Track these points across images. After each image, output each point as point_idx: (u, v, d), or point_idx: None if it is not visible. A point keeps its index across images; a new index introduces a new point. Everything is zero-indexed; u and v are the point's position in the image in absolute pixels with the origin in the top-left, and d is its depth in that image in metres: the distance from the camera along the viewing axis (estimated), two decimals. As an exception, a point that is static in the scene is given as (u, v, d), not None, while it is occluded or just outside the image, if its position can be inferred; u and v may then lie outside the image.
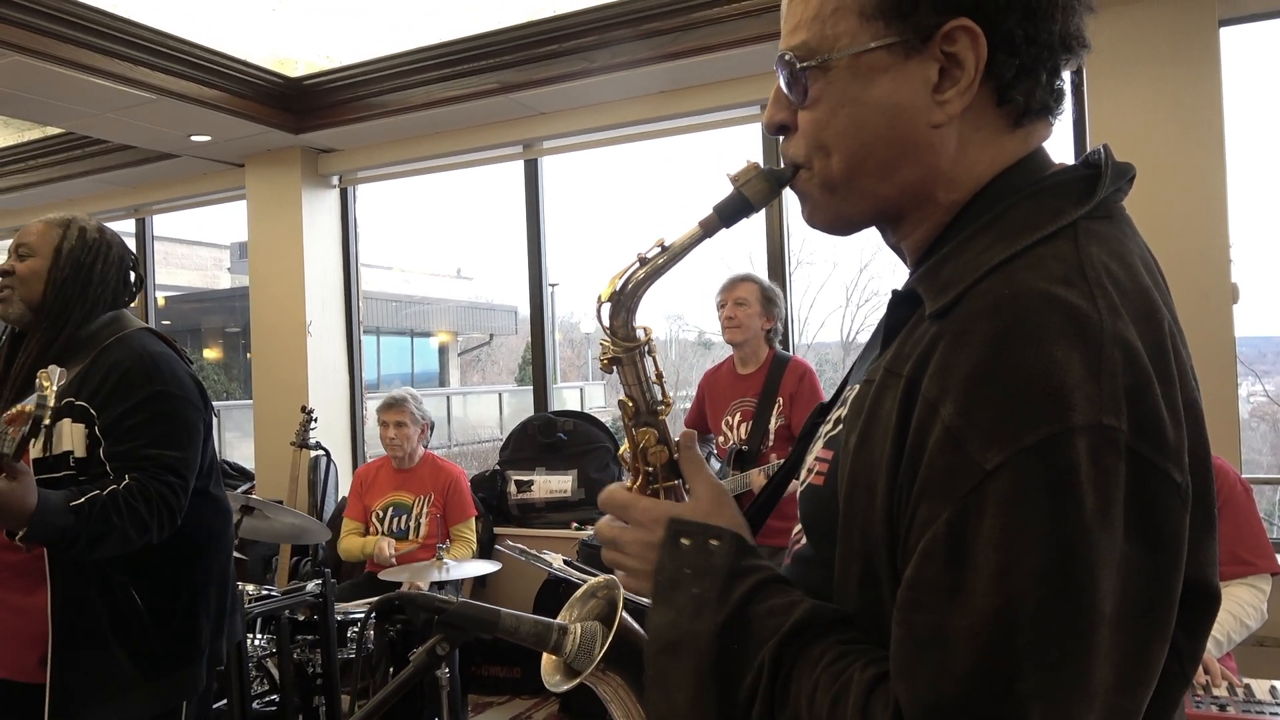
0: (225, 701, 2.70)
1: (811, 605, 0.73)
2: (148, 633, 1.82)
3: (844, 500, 0.73)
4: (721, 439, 3.42)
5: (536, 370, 4.98)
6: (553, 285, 5.21)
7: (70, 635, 1.76)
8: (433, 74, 4.30)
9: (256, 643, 3.10)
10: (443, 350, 14.98)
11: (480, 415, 13.41)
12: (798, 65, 0.77)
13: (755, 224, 4.22)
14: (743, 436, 3.32)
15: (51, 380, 1.59)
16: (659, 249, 0.86)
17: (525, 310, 5.00)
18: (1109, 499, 0.61)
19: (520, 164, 4.81)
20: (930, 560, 0.63)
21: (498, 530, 4.51)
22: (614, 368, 0.91)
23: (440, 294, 15.05)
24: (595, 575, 2.27)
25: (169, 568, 1.86)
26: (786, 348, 3.96)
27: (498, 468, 4.71)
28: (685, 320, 11.23)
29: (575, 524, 4.42)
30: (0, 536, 1.73)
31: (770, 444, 3.27)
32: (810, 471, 0.85)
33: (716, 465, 3.40)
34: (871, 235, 0.88)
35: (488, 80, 4.20)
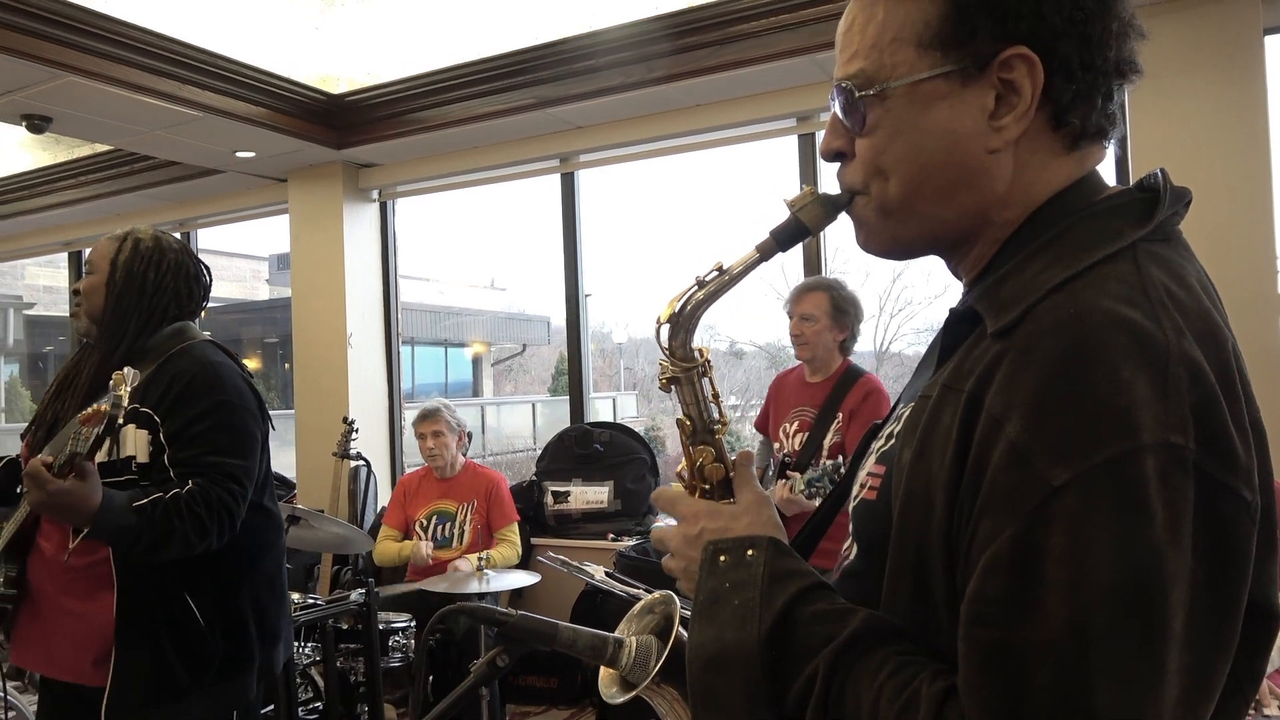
0: (272, 708, 2.75)
1: (868, 615, 0.74)
2: (203, 641, 1.86)
3: (898, 513, 0.74)
4: (777, 446, 3.29)
5: (573, 381, 5.01)
6: (586, 295, 5.24)
7: (130, 640, 1.80)
8: (471, 90, 4.35)
9: (302, 651, 3.15)
10: (476, 360, 15.10)
11: (514, 425, 13.49)
12: (856, 94, 0.79)
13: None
14: (796, 447, 3.17)
15: (126, 381, 1.65)
16: (717, 272, 0.88)
17: (557, 320, 5.05)
18: (1178, 516, 0.61)
19: (557, 177, 4.86)
20: (996, 575, 0.64)
21: (534, 541, 4.55)
22: (672, 387, 0.93)
23: (475, 305, 15.17)
24: (636, 587, 2.29)
25: (224, 578, 1.91)
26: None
27: (535, 478, 4.74)
28: (717, 330, 11.24)
29: (611, 535, 4.44)
30: (67, 543, 1.79)
31: (822, 459, 3.09)
32: (863, 487, 0.86)
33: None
34: None
35: (525, 95, 4.24)
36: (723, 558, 0.81)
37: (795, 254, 4.43)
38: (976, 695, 0.63)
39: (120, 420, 1.65)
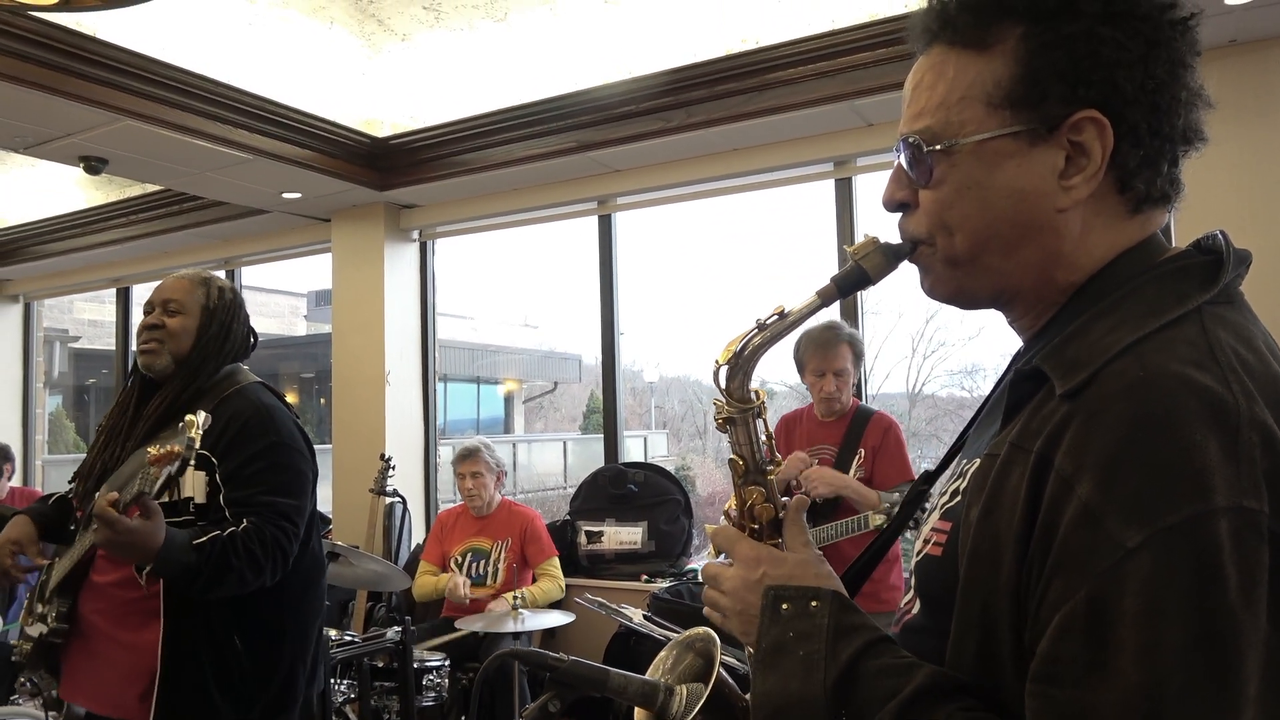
0: (308, 746, 2.75)
1: (933, 670, 0.74)
2: (246, 680, 1.88)
3: (965, 570, 0.74)
4: (794, 484, 3.29)
5: (607, 421, 5.02)
6: (620, 335, 5.27)
7: (176, 676, 1.83)
8: (511, 134, 4.44)
9: (337, 688, 3.15)
10: (509, 398, 15.17)
11: (546, 463, 13.50)
12: (923, 149, 0.81)
13: (828, 268, 4.21)
14: None
15: (198, 425, 1.69)
16: (777, 316, 0.90)
17: (588, 359, 5.07)
18: (1253, 580, 0.61)
19: (594, 219, 4.92)
20: (1069, 636, 0.64)
21: (567, 581, 4.54)
22: (728, 428, 0.94)
23: (509, 342, 15.29)
24: (674, 631, 2.28)
25: (270, 616, 1.93)
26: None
27: (568, 517, 4.75)
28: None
29: (645, 576, 4.42)
30: (118, 574, 1.83)
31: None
32: (927, 543, 0.86)
33: None
34: None
35: (565, 140, 4.32)
36: (785, 605, 0.81)
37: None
38: None
39: (191, 462, 1.69)
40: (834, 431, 3.22)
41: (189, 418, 1.70)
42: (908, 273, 0.93)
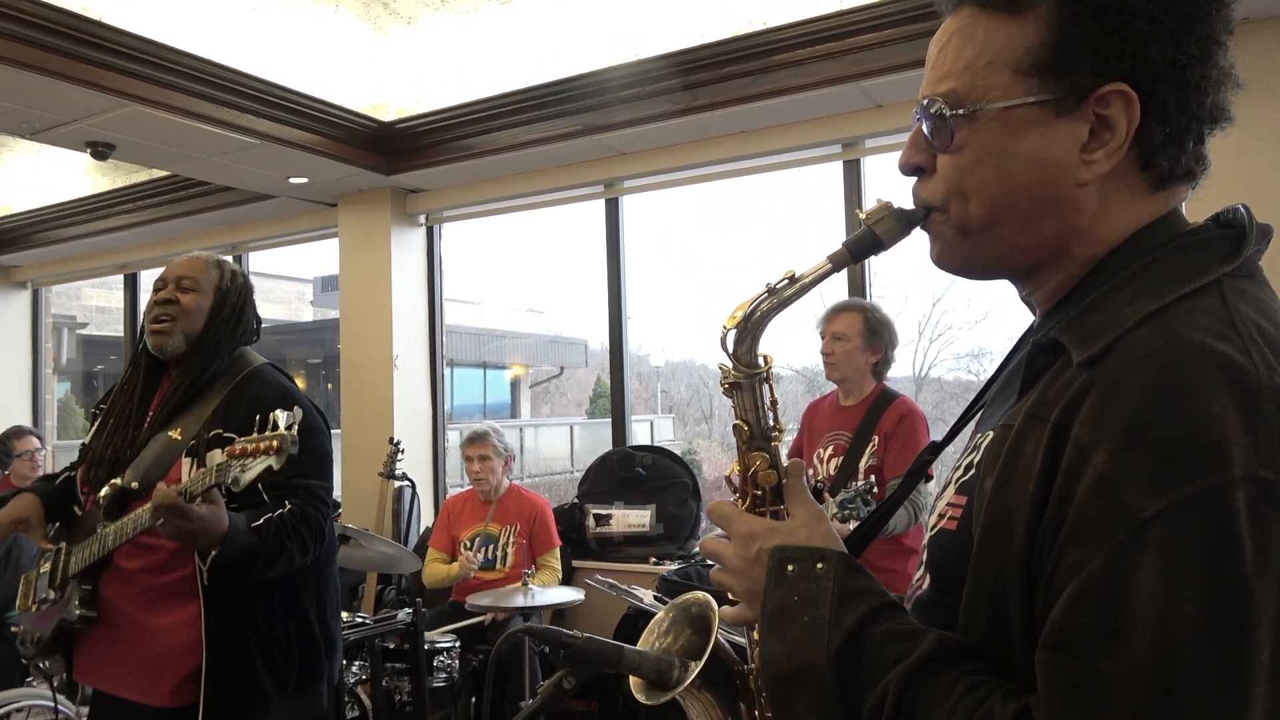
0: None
1: (939, 635, 0.74)
2: (284, 653, 1.91)
3: (978, 540, 0.74)
4: (811, 471, 3.19)
5: (615, 404, 5.03)
6: (627, 319, 5.27)
7: (220, 655, 1.85)
8: (517, 117, 4.42)
9: (351, 669, 3.18)
10: (515, 383, 15.20)
11: (553, 447, 13.54)
12: (946, 112, 0.79)
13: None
14: (831, 472, 3.11)
15: (295, 419, 1.70)
16: (788, 281, 0.88)
17: (595, 343, 5.08)
18: (1267, 550, 0.62)
19: (600, 202, 4.91)
20: (1082, 604, 0.64)
21: (575, 563, 4.56)
22: (734, 393, 0.93)
23: (514, 327, 15.29)
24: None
25: (294, 593, 1.96)
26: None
27: (576, 500, 4.76)
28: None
29: (653, 558, 4.44)
30: (145, 560, 1.84)
31: (855, 482, 3.01)
32: (941, 517, 0.85)
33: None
34: (943, 271, 0.89)
35: (571, 123, 4.30)
36: (790, 567, 0.81)
37: (838, 276, 4.41)
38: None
39: (293, 453, 1.68)
40: (852, 417, 3.12)
41: (276, 413, 1.71)
42: (913, 255, 0.92)
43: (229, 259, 2.13)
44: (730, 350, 0.91)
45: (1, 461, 4.19)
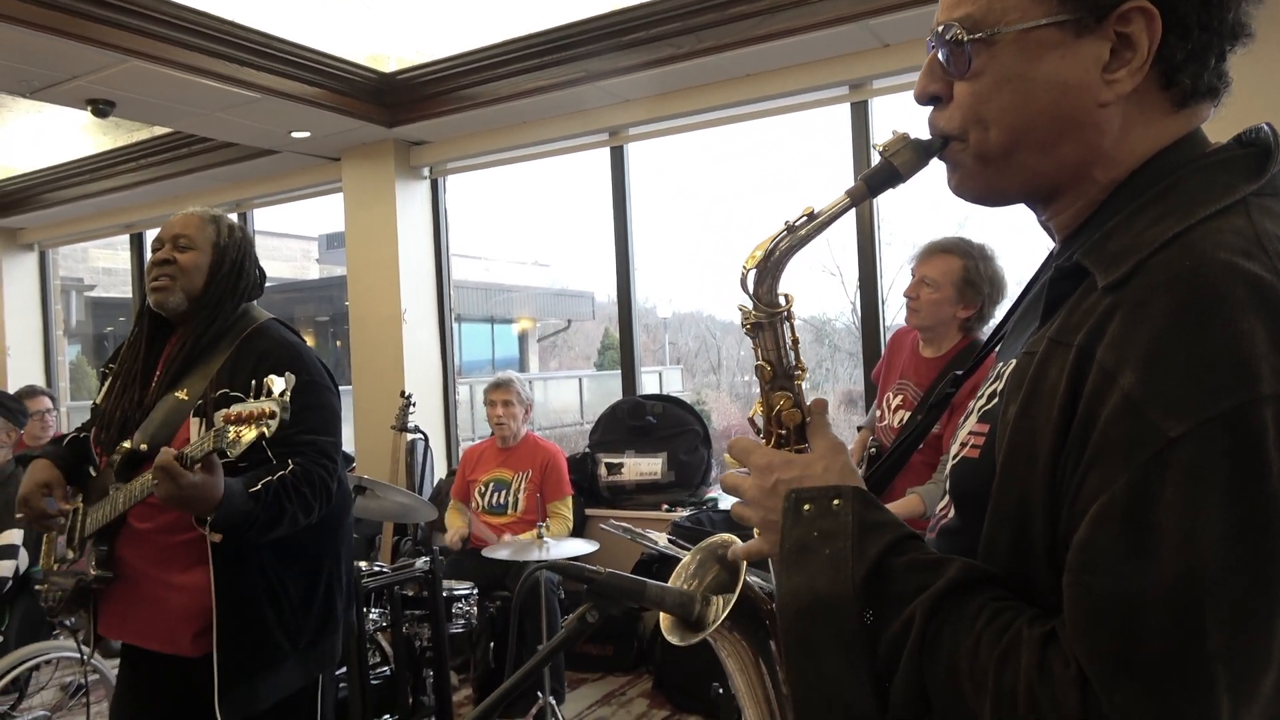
0: (344, 669, 2.84)
1: (964, 563, 0.74)
2: (295, 607, 1.93)
3: (1001, 465, 0.74)
4: (879, 414, 2.88)
5: (625, 354, 5.04)
6: (634, 270, 5.26)
7: (231, 610, 1.87)
8: (520, 65, 4.37)
9: (370, 616, 3.24)
10: (523, 336, 15.21)
11: (562, 400, 13.59)
12: (963, 37, 0.78)
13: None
14: (896, 424, 2.75)
15: (288, 385, 1.69)
16: (806, 218, 0.87)
17: (601, 296, 5.07)
18: None
19: (606, 151, 4.86)
20: (1106, 524, 0.64)
21: (589, 511, 4.61)
22: (755, 333, 0.92)
23: (521, 281, 15.26)
24: (699, 554, 2.32)
25: (308, 547, 1.97)
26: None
27: (588, 450, 4.80)
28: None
29: (665, 506, 4.48)
30: (159, 520, 1.87)
31: (919, 450, 2.56)
32: (964, 445, 0.85)
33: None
34: (950, 216, 0.87)
35: (574, 70, 4.25)
36: (807, 506, 0.80)
37: (847, 221, 4.36)
38: (1086, 640, 0.64)
39: (285, 419, 1.68)
40: (927, 372, 2.72)
41: (270, 379, 1.70)
42: (920, 201, 0.90)
43: (226, 214, 2.11)
44: (751, 290, 0.90)
45: (18, 420, 4.22)
